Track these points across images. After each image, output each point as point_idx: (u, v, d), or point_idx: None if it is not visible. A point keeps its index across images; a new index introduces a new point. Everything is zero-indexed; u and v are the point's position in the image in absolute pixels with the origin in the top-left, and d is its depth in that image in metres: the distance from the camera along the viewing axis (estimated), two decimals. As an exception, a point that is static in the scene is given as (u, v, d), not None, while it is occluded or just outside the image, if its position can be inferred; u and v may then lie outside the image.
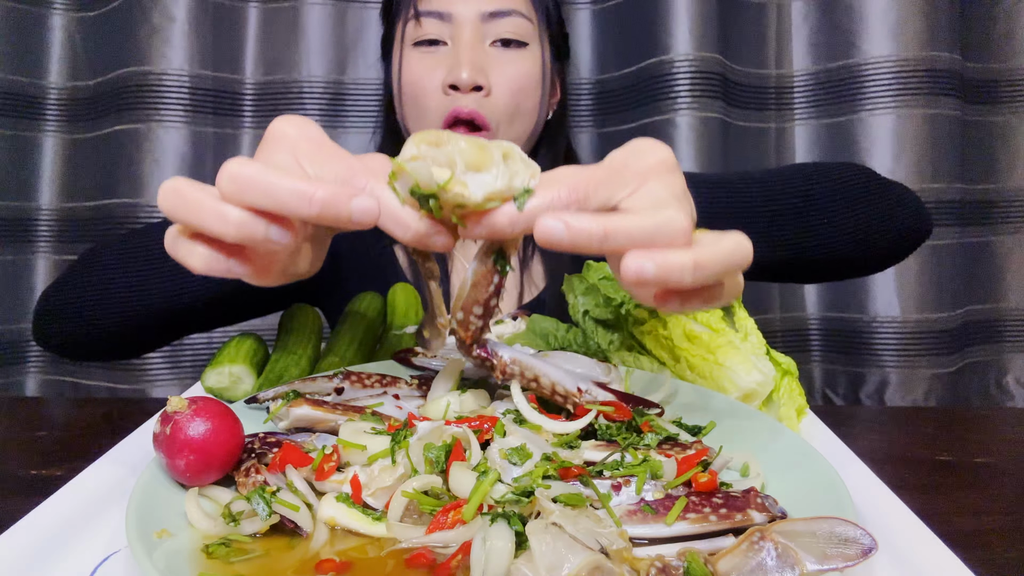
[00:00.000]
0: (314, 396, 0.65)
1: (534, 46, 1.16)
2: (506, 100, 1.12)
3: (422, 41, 1.13)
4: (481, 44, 1.12)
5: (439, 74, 1.10)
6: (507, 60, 1.12)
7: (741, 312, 0.80)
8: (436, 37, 1.12)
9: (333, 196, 0.45)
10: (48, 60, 1.55)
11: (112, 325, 0.87)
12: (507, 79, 1.12)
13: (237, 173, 0.46)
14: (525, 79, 1.14)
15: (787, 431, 0.60)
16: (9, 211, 1.53)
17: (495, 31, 1.12)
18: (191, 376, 1.50)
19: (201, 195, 0.47)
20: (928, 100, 1.54)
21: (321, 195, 0.45)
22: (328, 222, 0.46)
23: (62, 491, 0.56)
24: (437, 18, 1.12)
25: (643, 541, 0.46)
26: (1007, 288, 1.68)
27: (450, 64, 1.10)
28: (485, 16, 1.11)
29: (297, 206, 0.45)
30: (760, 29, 1.61)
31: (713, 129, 1.53)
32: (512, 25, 1.13)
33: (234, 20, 1.53)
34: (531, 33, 1.15)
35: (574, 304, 0.84)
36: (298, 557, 0.46)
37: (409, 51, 1.14)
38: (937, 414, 1.15)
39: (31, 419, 0.81)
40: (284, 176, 0.46)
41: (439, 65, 1.11)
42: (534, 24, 1.15)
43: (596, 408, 0.58)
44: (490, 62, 1.12)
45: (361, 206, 0.46)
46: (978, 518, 0.59)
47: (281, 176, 0.46)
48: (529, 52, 1.15)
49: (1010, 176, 1.66)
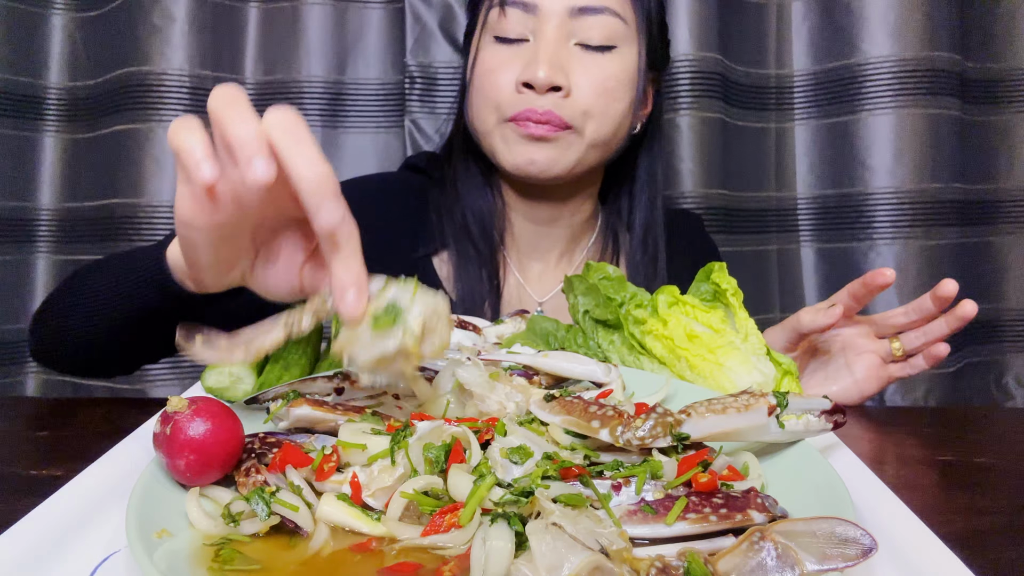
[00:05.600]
0: (314, 396, 0.65)
1: (625, 48, 1.05)
2: (590, 100, 1.02)
3: (503, 39, 1.04)
4: (565, 42, 1.02)
5: (515, 68, 1.02)
6: (592, 62, 1.03)
7: (741, 312, 0.80)
8: (518, 36, 1.03)
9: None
10: (48, 60, 1.55)
11: (96, 339, 0.85)
12: (592, 78, 1.02)
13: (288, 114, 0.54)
14: (613, 80, 1.03)
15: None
16: (9, 211, 1.53)
17: (583, 29, 1.02)
18: (191, 376, 1.50)
19: (247, 106, 0.53)
20: (928, 100, 1.54)
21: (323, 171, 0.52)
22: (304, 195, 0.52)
23: (62, 491, 0.56)
24: (522, 8, 1.02)
25: (643, 541, 0.46)
26: (1007, 288, 1.68)
27: (527, 60, 1.01)
28: (574, 11, 1.01)
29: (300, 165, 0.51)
30: (760, 29, 1.61)
31: (713, 129, 1.53)
32: (602, 25, 1.02)
33: (234, 20, 1.53)
34: (623, 34, 1.04)
35: (574, 304, 0.84)
36: (298, 557, 0.46)
37: (488, 42, 1.06)
38: (937, 414, 1.15)
39: (31, 419, 0.81)
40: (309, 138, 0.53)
41: (516, 59, 1.03)
42: (629, 24, 1.04)
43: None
44: (572, 61, 1.02)
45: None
46: (978, 518, 0.59)
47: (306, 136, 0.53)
48: (618, 55, 1.04)
49: (1010, 176, 1.66)
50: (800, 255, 1.66)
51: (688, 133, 1.51)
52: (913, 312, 0.92)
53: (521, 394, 0.61)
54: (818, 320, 0.91)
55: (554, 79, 0.99)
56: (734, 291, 0.80)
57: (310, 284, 0.63)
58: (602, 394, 0.66)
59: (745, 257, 1.61)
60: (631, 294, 0.81)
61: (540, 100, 1.00)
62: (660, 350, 0.78)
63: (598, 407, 0.56)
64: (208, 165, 0.51)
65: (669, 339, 0.77)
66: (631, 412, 0.56)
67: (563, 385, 0.72)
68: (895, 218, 1.57)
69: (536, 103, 1.00)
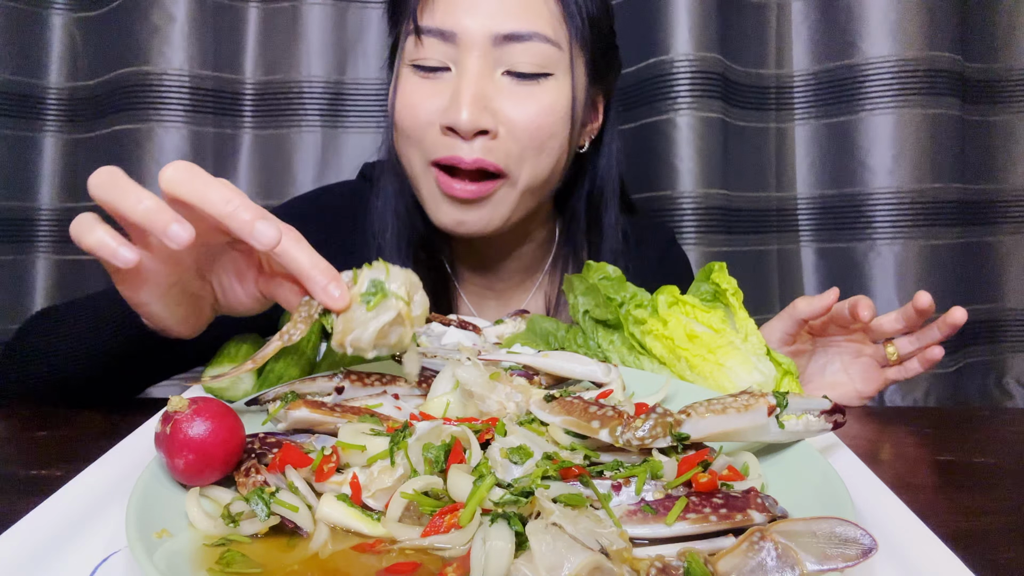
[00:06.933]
0: (314, 397, 0.65)
1: (560, 75, 0.93)
2: (523, 140, 0.92)
3: (421, 67, 0.94)
4: (490, 74, 0.91)
5: (435, 103, 0.92)
6: (524, 93, 0.92)
7: (741, 312, 0.80)
8: (437, 63, 0.92)
9: (245, 205, 0.56)
10: (48, 60, 1.55)
11: (54, 385, 0.84)
12: (524, 112, 0.91)
13: (181, 164, 0.58)
14: (548, 114, 0.92)
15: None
16: (9, 211, 1.53)
17: (509, 58, 0.91)
18: (191, 376, 1.50)
19: (130, 181, 0.57)
20: (928, 100, 1.54)
21: (234, 205, 0.56)
22: (236, 229, 0.56)
23: (62, 491, 0.56)
24: (439, 37, 0.91)
25: (643, 541, 0.46)
26: (1007, 288, 1.68)
27: (449, 95, 0.91)
28: (498, 39, 0.90)
29: (213, 201, 0.56)
30: (760, 29, 1.61)
31: (713, 129, 1.53)
32: (531, 53, 0.90)
33: (234, 20, 1.53)
34: (556, 60, 0.92)
35: (574, 304, 0.84)
36: (298, 558, 0.46)
37: (407, 72, 0.95)
38: (937, 414, 1.15)
39: (31, 419, 0.81)
40: (212, 181, 0.58)
41: (437, 93, 0.92)
42: (563, 49, 0.93)
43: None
44: (500, 95, 0.91)
45: (262, 228, 0.56)
46: (978, 518, 0.59)
47: (210, 180, 0.58)
48: (552, 83, 0.93)
49: (1010, 176, 1.66)
50: (800, 255, 1.66)
51: (688, 133, 1.51)
52: (903, 318, 0.92)
53: (521, 394, 0.61)
54: (814, 304, 0.90)
55: (479, 123, 0.89)
56: (734, 291, 0.80)
57: (268, 292, 0.68)
58: (602, 394, 0.66)
59: (745, 257, 1.61)
60: (631, 294, 0.81)
61: (467, 147, 0.90)
62: (660, 350, 0.78)
63: (598, 407, 0.56)
64: (125, 250, 0.56)
65: (669, 339, 0.77)
66: (631, 412, 0.56)
67: (563, 385, 0.72)
68: (895, 218, 1.57)
69: (462, 150, 0.90)
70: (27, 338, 0.88)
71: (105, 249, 0.56)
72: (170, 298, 0.66)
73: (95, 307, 0.82)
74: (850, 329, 0.94)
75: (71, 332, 0.82)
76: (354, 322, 0.59)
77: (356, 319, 0.59)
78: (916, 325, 0.93)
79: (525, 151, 0.93)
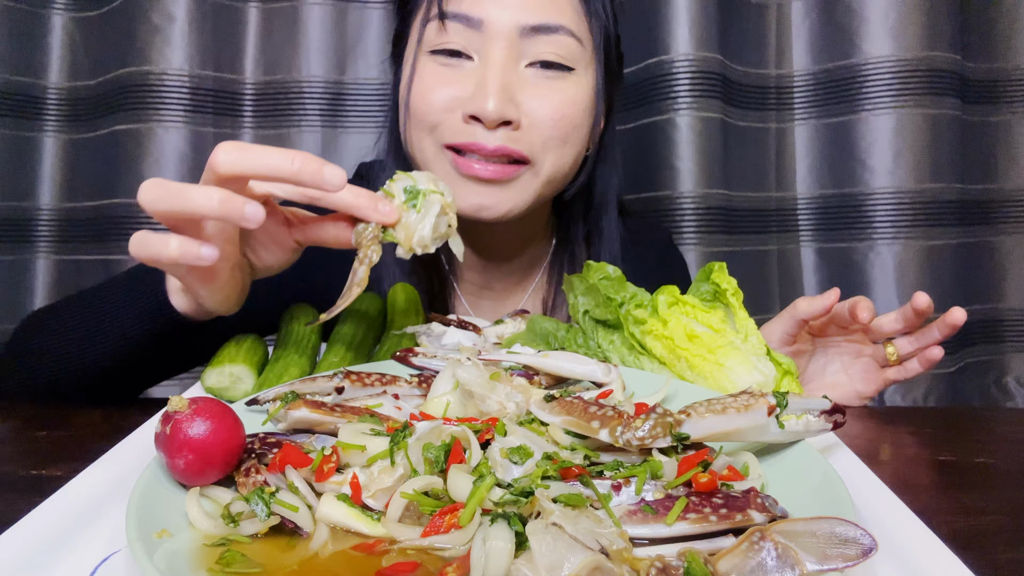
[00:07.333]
0: (314, 396, 0.65)
1: (581, 71, 0.94)
2: (547, 131, 0.91)
3: (442, 51, 0.92)
4: (514, 65, 0.90)
5: (455, 89, 0.90)
6: (548, 85, 0.92)
7: (741, 312, 0.80)
8: (461, 49, 0.91)
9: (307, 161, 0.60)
10: (48, 60, 1.55)
11: (64, 383, 0.84)
12: (549, 104, 0.91)
13: (228, 145, 0.61)
14: (570, 106, 0.92)
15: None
16: (9, 211, 1.53)
17: (535, 50, 0.90)
18: (191, 376, 1.50)
19: (181, 184, 0.58)
20: (928, 100, 1.54)
21: (299, 161, 0.60)
22: (308, 181, 0.61)
23: (62, 491, 0.56)
24: (464, 23, 0.90)
25: (643, 541, 0.46)
26: (1007, 288, 1.68)
27: (473, 86, 0.89)
28: (525, 30, 0.89)
29: (279, 165, 0.60)
30: (760, 29, 1.62)
31: (713, 129, 1.53)
32: (557, 45, 0.91)
33: (234, 20, 1.53)
34: (580, 56, 0.93)
35: (574, 304, 0.84)
36: (298, 558, 0.46)
37: (425, 59, 0.93)
38: (937, 414, 1.15)
39: (31, 419, 0.81)
40: (266, 148, 0.61)
41: (460, 83, 0.90)
42: (586, 46, 0.94)
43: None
44: (524, 87, 0.91)
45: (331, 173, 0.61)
46: (978, 518, 0.59)
47: (264, 147, 0.61)
48: (574, 78, 0.93)
49: (1010, 176, 1.66)
50: (800, 255, 1.66)
51: (688, 133, 1.51)
52: (902, 318, 0.93)
53: (521, 394, 0.61)
54: (815, 304, 0.90)
55: (505, 113, 0.87)
56: (734, 291, 0.80)
57: (307, 238, 0.72)
58: (602, 394, 0.66)
59: (745, 257, 1.61)
60: (631, 294, 0.81)
61: (489, 135, 0.89)
62: (660, 350, 0.78)
63: (598, 407, 0.56)
64: (207, 249, 0.59)
65: (669, 339, 0.77)
66: (631, 412, 0.56)
67: (563, 385, 0.72)
68: (895, 218, 1.57)
69: (485, 138, 0.89)
70: (30, 337, 0.88)
71: (190, 254, 0.59)
72: (231, 279, 0.70)
73: (103, 302, 0.82)
74: (850, 330, 0.94)
75: (79, 328, 0.82)
76: (411, 227, 0.68)
77: (411, 224, 0.68)
78: (915, 325, 0.93)
79: (549, 141, 0.92)
